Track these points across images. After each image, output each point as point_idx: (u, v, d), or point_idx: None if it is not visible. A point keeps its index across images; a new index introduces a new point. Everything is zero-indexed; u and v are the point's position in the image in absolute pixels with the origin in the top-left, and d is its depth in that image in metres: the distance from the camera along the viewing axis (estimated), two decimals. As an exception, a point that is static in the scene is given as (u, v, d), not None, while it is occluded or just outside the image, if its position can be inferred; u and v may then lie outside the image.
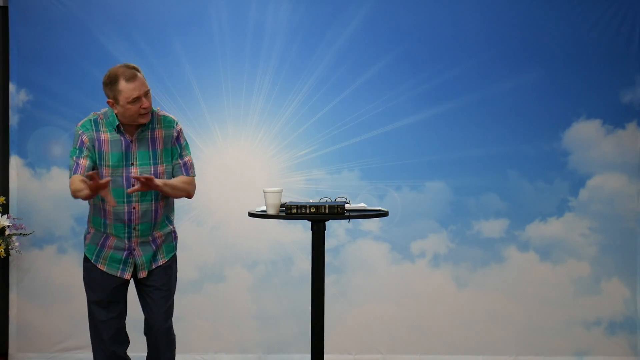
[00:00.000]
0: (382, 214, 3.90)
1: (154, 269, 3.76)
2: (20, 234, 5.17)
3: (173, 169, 3.72)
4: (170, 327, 3.83)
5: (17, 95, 5.35)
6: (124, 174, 3.60)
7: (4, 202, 5.22)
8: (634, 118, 5.34)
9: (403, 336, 5.40)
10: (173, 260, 3.83)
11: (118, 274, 3.71)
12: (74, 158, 3.60)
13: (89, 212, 3.78)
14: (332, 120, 5.36)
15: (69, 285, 5.37)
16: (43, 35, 5.34)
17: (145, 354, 3.99)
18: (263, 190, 3.76)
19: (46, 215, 5.38)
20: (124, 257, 3.69)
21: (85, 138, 3.62)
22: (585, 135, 5.35)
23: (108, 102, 3.63)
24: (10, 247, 5.11)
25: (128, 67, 3.57)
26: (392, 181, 5.37)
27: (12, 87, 5.35)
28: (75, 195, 3.51)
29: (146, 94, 3.56)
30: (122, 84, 3.53)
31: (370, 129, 5.35)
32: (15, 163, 5.37)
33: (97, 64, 5.33)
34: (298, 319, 5.27)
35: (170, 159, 3.69)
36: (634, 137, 5.35)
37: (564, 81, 5.33)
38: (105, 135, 3.62)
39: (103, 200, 3.55)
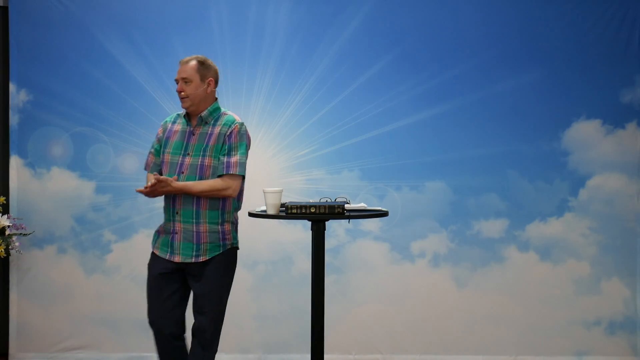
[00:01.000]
0: (382, 214, 3.90)
1: (194, 264, 3.81)
2: (20, 234, 5.17)
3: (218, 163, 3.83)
4: (213, 331, 3.89)
5: (17, 95, 5.35)
6: (178, 162, 3.81)
7: (4, 202, 5.22)
8: (633, 118, 5.34)
9: (403, 336, 5.40)
10: (218, 262, 3.83)
11: (167, 257, 3.83)
12: (149, 151, 3.98)
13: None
14: (332, 120, 5.36)
15: (69, 285, 5.37)
16: (43, 35, 5.34)
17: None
18: (263, 190, 3.76)
19: (46, 215, 5.38)
20: (169, 240, 3.84)
21: (160, 130, 3.96)
22: (585, 135, 5.36)
23: None
24: (10, 247, 5.11)
25: (195, 55, 3.86)
26: (392, 181, 5.38)
27: (12, 87, 5.35)
28: None
29: (184, 80, 3.78)
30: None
31: (370, 129, 5.35)
32: (15, 163, 5.37)
33: (97, 64, 5.34)
34: (298, 319, 5.27)
35: (217, 154, 3.81)
36: (634, 137, 5.35)
37: (564, 81, 5.34)
38: (178, 127, 3.90)
39: None
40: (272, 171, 5.38)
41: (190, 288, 3.90)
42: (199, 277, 3.82)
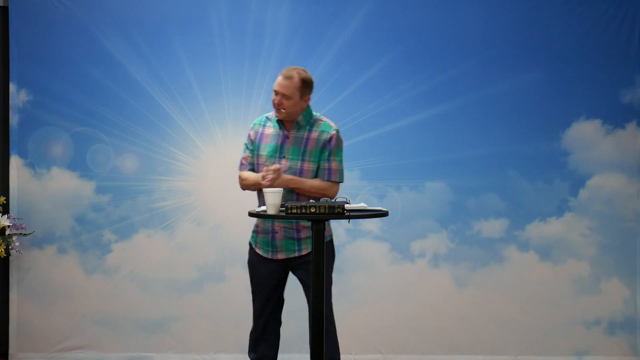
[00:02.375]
0: (382, 214, 3.89)
1: (297, 258, 4.04)
2: (21, 234, 5.18)
3: (318, 169, 4.00)
4: (328, 315, 4.06)
5: (17, 95, 5.35)
6: (274, 164, 3.93)
7: (4, 202, 5.22)
8: (633, 118, 5.34)
9: (403, 336, 5.40)
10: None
11: (269, 256, 4.05)
12: (243, 154, 4.12)
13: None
14: (331, 120, 5.34)
15: (69, 285, 5.37)
16: (43, 35, 5.34)
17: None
18: (263, 190, 3.76)
19: (46, 215, 5.38)
20: (269, 239, 4.04)
21: (252, 132, 4.10)
22: (585, 135, 5.36)
23: None
24: (10, 247, 5.11)
25: (298, 69, 3.96)
26: (392, 181, 5.38)
27: (12, 87, 5.35)
28: (243, 186, 4.08)
29: (283, 95, 3.90)
30: (279, 76, 3.96)
31: (370, 129, 5.35)
32: (15, 163, 5.37)
33: (97, 64, 5.34)
34: (298, 319, 5.26)
35: (317, 159, 3.98)
36: (634, 137, 5.35)
37: (564, 81, 5.34)
38: (269, 130, 4.04)
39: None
40: (272, 171, 5.37)
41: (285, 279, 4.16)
42: (306, 268, 4.03)
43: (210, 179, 5.38)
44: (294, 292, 5.38)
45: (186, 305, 5.40)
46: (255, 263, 4.12)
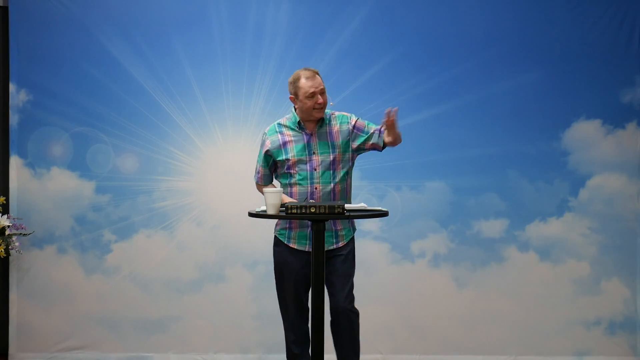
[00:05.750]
0: (382, 214, 3.90)
1: (334, 250, 4.13)
2: (20, 234, 5.18)
3: (369, 138, 4.18)
4: (352, 307, 4.16)
5: (17, 95, 5.35)
6: (307, 162, 4.11)
7: (4, 202, 5.22)
8: (633, 118, 5.34)
9: (403, 336, 5.40)
10: (351, 244, 4.20)
11: (306, 249, 4.13)
12: (257, 165, 4.25)
13: None
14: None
15: (69, 285, 5.38)
16: (43, 35, 5.34)
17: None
18: (263, 190, 3.76)
19: (46, 215, 5.38)
20: (308, 232, 4.12)
21: (268, 142, 4.17)
22: (585, 135, 5.36)
23: (290, 98, 4.14)
24: (10, 247, 5.11)
25: (308, 69, 4.11)
26: (392, 181, 5.38)
27: (12, 87, 5.36)
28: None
29: (322, 92, 4.06)
30: (302, 82, 4.06)
31: (370, 129, 5.35)
32: (15, 163, 5.37)
33: (97, 64, 5.35)
34: (298, 319, 5.26)
35: (348, 147, 4.16)
36: (634, 137, 5.35)
37: (564, 81, 5.34)
38: (289, 134, 4.16)
39: (291, 184, 4.12)
40: (272, 171, 5.38)
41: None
42: (339, 260, 4.14)
43: (210, 179, 5.38)
44: (294, 292, 5.38)
45: (186, 305, 5.40)
46: (288, 257, 4.18)
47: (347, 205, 3.83)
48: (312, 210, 3.65)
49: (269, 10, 5.35)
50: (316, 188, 4.11)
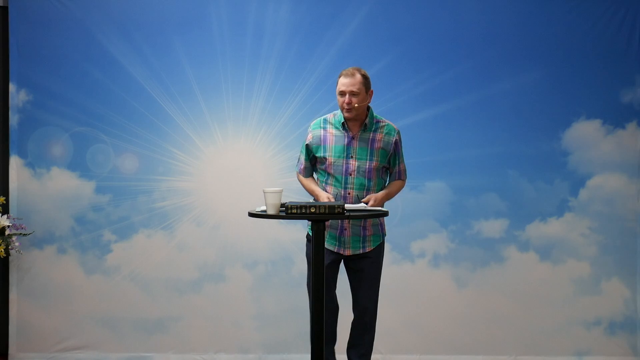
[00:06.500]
0: (382, 214, 3.90)
1: (361, 254, 4.27)
2: (20, 234, 5.18)
3: (388, 171, 4.33)
4: (374, 309, 4.40)
5: (17, 95, 5.35)
6: (343, 165, 4.19)
7: (4, 202, 5.22)
8: (633, 118, 5.34)
9: (403, 336, 5.40)
10: (380, 248, 4.33)
11: (335, 250, 4.26)
12: (300, 155, 4.36)
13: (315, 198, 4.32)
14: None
15: (69, 285, 5.38)
16: (43, 35, 5.34)
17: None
18: (263, 190, 3.76)
19: (46, 215, 5.38)
20: (337, 234, 4.24)
21: (310, 136, 4.27)
22: (585, 135, 5.36)
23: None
24: (10, 247, 5.11)
25: (353, 68, 4.18)
26: (392, 181, 5.37)
27: (12, 87, 5.36)
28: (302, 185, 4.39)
29: (351, 93, 4.10)
30: (340, 79, 4.16)
31: (370, 129, 5.35)
32: (15, 163, 5.37)
33: (97, 64, 5.35)
34: (298, 319, 5.27)
35: (385, 159, 4.25)
36: (634, 137, 5.35)
37: (564, 81, 5.34)
38: (331, 131, 4.23)
39: (327, 183, 4.22)
40: (272, 171, 5.38)
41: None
42: (367, 262, 4.28)
43: (210, 179, 5.38)
44: (295, 292, 5.39)
45: (186, 305, 5.40)
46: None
47: (347, 206, 3.84)
48: (312, 210, 3.65)
49: (268, 11, 5.35)
50: (349, 194, 4.19)
